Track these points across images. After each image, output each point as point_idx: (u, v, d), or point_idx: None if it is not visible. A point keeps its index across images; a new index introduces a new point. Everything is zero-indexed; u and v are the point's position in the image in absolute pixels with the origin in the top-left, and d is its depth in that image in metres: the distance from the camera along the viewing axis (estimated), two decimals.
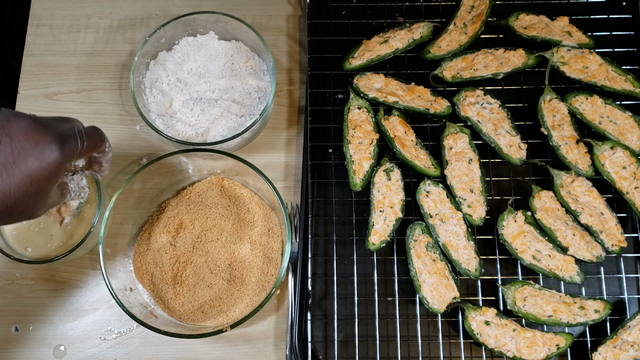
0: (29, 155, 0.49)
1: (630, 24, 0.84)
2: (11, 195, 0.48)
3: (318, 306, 0.74)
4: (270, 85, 0.78)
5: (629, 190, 0.73)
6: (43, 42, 0.87)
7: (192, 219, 0.74)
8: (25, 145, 0.49)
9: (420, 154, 0.76)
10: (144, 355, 0.74)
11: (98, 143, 0.59)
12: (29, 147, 0.49)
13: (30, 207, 0.51)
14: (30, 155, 0.49)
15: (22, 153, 0.49)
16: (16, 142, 0.49)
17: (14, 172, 0.48)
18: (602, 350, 0.69)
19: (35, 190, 0.50)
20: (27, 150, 0.49)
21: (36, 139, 0.50)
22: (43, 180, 0.51)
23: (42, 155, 0.50)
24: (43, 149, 0.50)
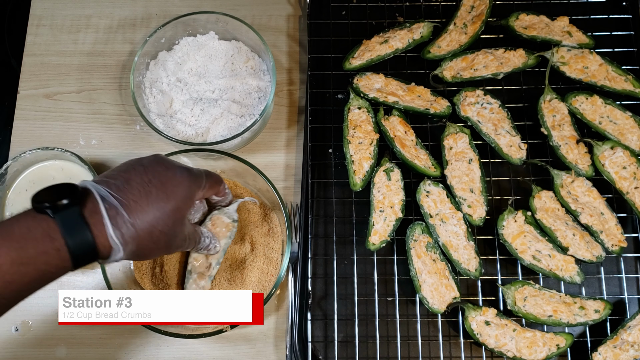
0: (162, 175, 0.54)
1: (630, 24, 0.84)
2: (148, 206, 0.51)
3: (318, 306, 0.74)
4: (270, 85, 0.78)
5: (629, 190, 0.73)
6: (43, 42, 0.87)
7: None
8: (157, 168, 0.54)
9: (420, 154, 0.76)
10: (144, 355, 0.74)
11: (217, 183, 0.63)
12: (160, 170, 0.54)
13: (169, 227, 0.53)
14: (163, 175, 0.54)
15: (156, 174, 0.53)
16: (148, 167, 0.54)
17: (150, 188, 0.52)
18: (602, 350, 0.69)
19: (172, 209, 0.53)
20: (159, 172, 0.54)
21: (166, 164, 0.55)
22: (179, 199, 0.54)
23: (174, 176, 0.55)
24: (174, 172, 0.55)
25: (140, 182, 0.51)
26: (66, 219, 0.47)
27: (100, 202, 0.48)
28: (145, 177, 0.52)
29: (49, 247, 0.46)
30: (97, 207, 0.48)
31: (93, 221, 0.48)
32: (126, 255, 0.50)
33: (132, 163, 0.54)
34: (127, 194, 0.50)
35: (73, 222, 0.47)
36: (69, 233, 0.46)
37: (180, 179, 0.55)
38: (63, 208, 0.47)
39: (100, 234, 0.48)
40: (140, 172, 0.53)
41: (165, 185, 0.53)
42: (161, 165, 0.55)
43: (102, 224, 0.48)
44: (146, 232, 0.50)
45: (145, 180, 0.52)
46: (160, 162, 0.55)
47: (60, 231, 0.46)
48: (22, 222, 0.47)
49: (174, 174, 0.55)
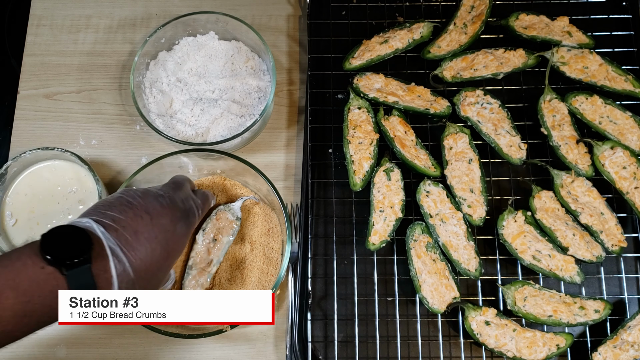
0: (167, 231, 0.54)
1: (630, 24, 0.84)
2: (152, 267, 0.52)
3: (318, 306, 0.74)
4: (270, 85, 0.78)
5: (629, 190, 0.73)
6: (43, 42, 0.87)
7: None
8: (163, 221, 0.54)
9: (420, 154, 0.76)
10: (144, 355, 0.73)
11: (208, 207, 0.66)
12: (166, 224, 0.55)
13: (159, 279, 0.56)
14: (168, 231, 0.55)
15: (162, 229, 0.54)
16: (155, 218, 0.54)
17: (156, 245, 0.53)
18: (602, 350, 0.69)
19: (168, 264, 0.56)
20: (165, 227, 0.54)
21: (170, 216, 0.56)
22: (174, 254, 0.57)
23: (175, 230, 0.56)
24: (176, 225, 0.56)
25: (147, 236, 0.52)
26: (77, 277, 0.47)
27: (111, 261, 0.49)
28: (152, 232, 0.53)
29: (56, 304, 0.47)
30: (108, 266, 0.48)
31: (101, 279, 0.48)
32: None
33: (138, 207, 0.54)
34: (135, 250, 0.51)
35: (83, 280, 0.47)
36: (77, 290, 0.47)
37: (180, 234, 0.57)
38: (76, 265, 0.47)
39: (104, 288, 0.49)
40: (147, 224, 0.53)
41: (168, 243, 0.54)
42: (166, 217, 0.55)
43: (109, 282, 0.49)
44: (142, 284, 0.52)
45: (152, 235, 0.53)
46: (165, 212, 0.55)
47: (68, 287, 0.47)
48: (31, 271, 0.46)
49: (175, 229, 0.56)
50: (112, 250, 0.49)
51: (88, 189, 0.75)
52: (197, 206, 0.63)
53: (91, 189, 0.74)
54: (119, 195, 0.55)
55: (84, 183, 0.75)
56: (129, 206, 0.53)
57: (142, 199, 0.55)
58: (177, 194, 0.60)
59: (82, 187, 0.75)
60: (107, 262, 0.48)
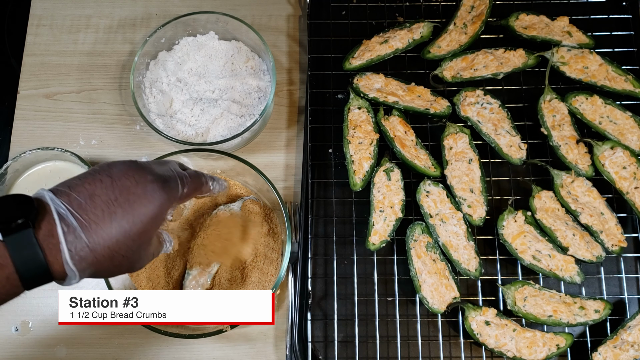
0: (131, 192, 0.48)
1: (630, 24, 0.84)
2: (113, 235, 0.46)
3: (318, 306, 0.74)
4: (270, 85, 0.78)
5: (629, 190, 0.73)
6: (43, 42, 0.87)
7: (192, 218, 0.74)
8: (126, 183, 0.48)
9: (420, 154, 0.76)
10: (144, 355, 0.74)
11: (199, 186, 0.58)
12: (130, 185, 0.48)
13: (133, 251, 0.49)
14: (132, 192, 0.48)
15: (124, 191, 0.47)
16: (117, 180, 0.48)
17: (116, 209, 0.46)
18: (602, 350, 0.69)
19: (138, 232, 0.48)
20: (128, 188, 0.48)
21: (137, 177, 0.49)
22: (146, 221, 0.48)
23: (145, 193, 0.48)
24: (145, 187, 0.49)
25: (105, 199, 0.46)
26: (18, 243, 0.42)
27: (58, 224, 0.44)
28: (112, 193, 0.47)
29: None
30: (54, 230, 0.43)
31: (48, 246, 0.43)
32: (84, 278, 0.47)
33: (100, 171, 0.48)
34: (88, 213, 0.45)
35: (25, 246, 0.43)
36: (20, 259, 0.43)
37: (151, 195, 0.49)
38: (15, 229, 0.42)
39: (55, 260, 0.44)
40: (107, 186, 0.47)
41: (132, 205, 0.47)
42: (130, 179, 0.48)
43: (58, 250, 0.44)
44: (107, 257, 0.46)
45: (112, 197, 0.47)
46: (130, 173, 0.49)
47: (10, 256, 0.42)
48: None
49: (144, 191, 0.48)
50: (59, 215, 0.44)
51: None
52: (180, 176, 0.54)
53: None
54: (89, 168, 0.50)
55: None
56: (90, 172, 0.49)
57: (107, 165, 0.49)
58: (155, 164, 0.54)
59: None
60: (54, 226, 0.43)
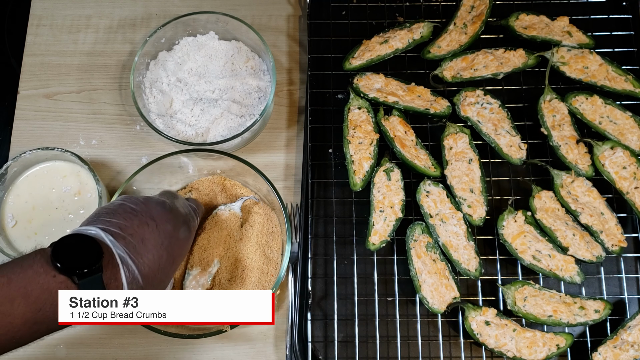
0: (172, 237, 0.56)
1: (630, 24, 0.84)
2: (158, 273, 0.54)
3: (318, 306, 0.74)
4: (270, 85, 0.78)
5: (629, 190, 0.73)
6: (43, 42, 0.87)
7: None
8: (167, 227, 0.56)
9: (420, 154, 0.76)
10: (144, 355, 0.73)
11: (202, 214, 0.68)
12: (170, 230, 0.56)
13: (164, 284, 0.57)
14: (172, 236, 0.56)
15: (167, 236, 0.55)
16: (160, 224, 0.55)
17: (162, 252, 0.54)
18: (602, 350, 0.69)
19: (173, 270, 0.58)
20: (170, 233, 0.56)
21: (174, 222, 0.57)
22: (179, 260, 0.59)
23: (179, 236, 0.58)
24: (179, 231, 0.58)
25: (154, 244, 0.53)
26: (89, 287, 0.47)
27: (121, 269, 0.49)
28: (159, 237, 0.54)
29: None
30: (118, 274, 0.49)
31: (112, 287, 0.49)
32: None
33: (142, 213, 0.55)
34: (143, 257, 0.52)
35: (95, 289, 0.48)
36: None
37: (184, 238, 0.59)
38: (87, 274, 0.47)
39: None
40: (153, 230, 0.54)
41: (173, 248, 0.56)
42: (169, 223, 0.56)
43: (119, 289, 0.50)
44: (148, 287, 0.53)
45: (159, 242, 0.54)
46: (168, 218, 0.57)
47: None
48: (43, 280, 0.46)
49: (178, 234, 0.58)
50: (121, 259, 0.50)
51: (88, 189, 0.75)
52: (195, 211, 0.65)
53: (91, 189, 0.75)
54: (120, 202, 0.55)
55: (84, 183, 0.75)
56: (133, 213, 0.54)
57: (145, 205, 0.56)
58: (175, 200, 0.62)
59: (82, 187, 0.75)
60: (118, 270, 0.49)
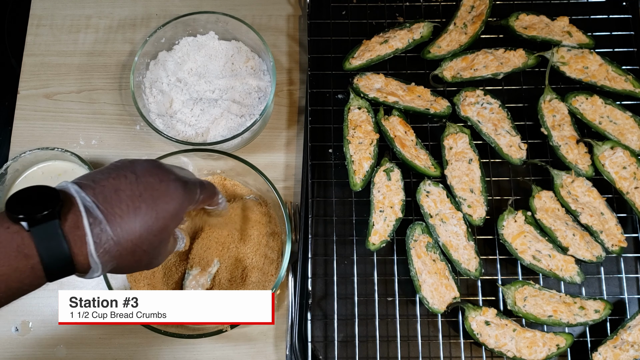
0: (154, 189, 0.49)
1: (630, 24, 0.84)
2: (137, 229, 0.47)
3: (318, 306, 0.74)
4: (270, 85, 0.78)
5: (629, 190, 0.73)
6: (43, 42, 0.87)
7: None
8: (150, 180, 0.49)
9: (420, 154, 0.76)
10: (144, 355, 0.73)
11: (212, 196, 0.59)
12: (153, 182, 0.49)
13: (154, 247, 0.50)
14: (156, 189, 0.49)
15: (148, 187, 0.49)
16: (141, 177, 0.49)
17: (140, 204, 0.47)
18: (602, 350, 0.69)
19: (160, 228, 0.49)
20: (152, 184, 0.49)
21: (160, 176, 0.50)
22: (168, 217, 0.50)
23: (167, 190, 0.50)
24: (168, 185, 0.50)
25: (130, 194, 0.47)
26: (43, 234, 0.43)
27: (84, 216, 0.44)
28: (137, 189, 0.48)
29: (23, 265, 0.43)
30: (80, 222, 0.44)
31: (73, 238, 0.44)
32: (105, 271, 0.48)
33: (123, 167, 0.49)
34: (114, 207, 0.46)
35: (51, 238, 0.43)
36: (45, 250, 0.43)
37: (173, 194, 0.50)
38: (41, 220, 0.42)
39: (79, 252, 0.44)
40: (132, 182, 0.48)
41: (156, 202, 0.48)
42: (155, 176, 0.50)
43: (83, 242, 0.44)
44: (129, 251, 0.47)
45: (136, 193, 0.47)
46: (154, 172, 0.50)
47: (35, 247, 0.43)
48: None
49: (167, 189, 0.50)
50: (85, 207, 0.44)
51: None
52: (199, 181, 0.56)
53: None
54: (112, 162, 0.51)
55: None
56: (113, 167, 0.49)
57: (130, 162, 0.51)
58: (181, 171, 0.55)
59: None
60: (80, 218, 0.44)
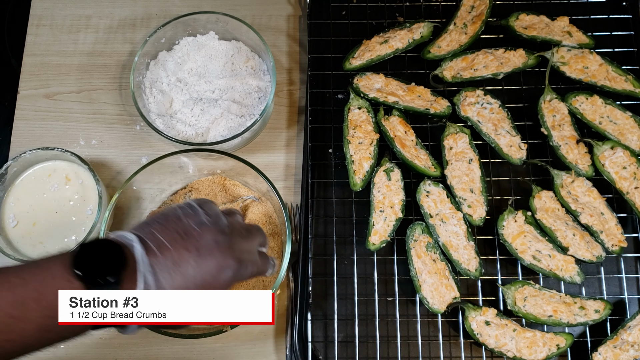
0: (208, 273, 0.50)
1: (630, 24, 0.84)
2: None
3: (318, 306, 0.74)
4: (270, 85, 0.78)
5: (629, 190, 0.73)
6: (43, 42, 0.87)
7: None
8: (209, 262, 0.50)
9: (420, 154, 0.76)
10: (144, 355, 0.73)
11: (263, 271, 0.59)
12: (210, 265, 0.50)
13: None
14: (209, 273, 0.50)
15: (204, 269, 0.49)
16: (203, 259, 0.50)
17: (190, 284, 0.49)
18: (602, 350, 0.69)
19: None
20: (208, 267, 0.50)
21: (219, 259, 0.50)
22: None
23: (218, 275, 0.51)
24: (221, 271, 0.51)
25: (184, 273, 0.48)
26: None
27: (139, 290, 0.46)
28: (193, 270, 0.49)
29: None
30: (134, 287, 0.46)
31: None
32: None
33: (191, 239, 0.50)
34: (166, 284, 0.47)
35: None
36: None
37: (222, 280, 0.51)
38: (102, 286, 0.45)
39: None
40: (191, 260, 0.49)
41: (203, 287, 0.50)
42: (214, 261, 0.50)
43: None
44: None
45: (190, 273, 0.49)
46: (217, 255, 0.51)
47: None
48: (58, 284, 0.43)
49: (218, 274, 0.51)
50: (144, 277, 0.46)
51: (88, 189, 0.75)
52: (254, 263, 0.56)
53: (91, 189, 0.75)
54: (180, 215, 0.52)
55: (84, 183, 0.75)
56: (182, 236, 0.50)
57: (199, 233, 0.51)
58: (242, 242, 0.54)
59: (83, 187, 0.75)
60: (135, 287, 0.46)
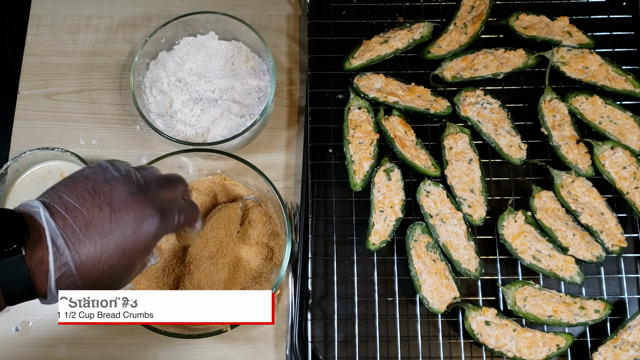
0: (127, 227, 0.47)
1: (630, 24, 0.84)
2: (100, 266, 0.46)
3: (318, 306, 0.74)
4: (270, 85, 0.78)
5: (629, 190, 0.73)
6: (43, 42, 0.87)
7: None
8: (125, 216, 0.47)
9: (420, 154, 0.76)
10: (144, 355, 0.73)
11: (192, 221, 0.57)
12: (128, 219, 0.47)
13: (115, 281, 0.48)
14: (128, 227, 0.47)
15: (121, 224, 0.47)
16: (116, 212, 0.47)
17: (109, 242, 0.46)
18: (602, 350, 0.69)
19: (125, 264, 0.48)
20: (126, 221, 0.47)
21: (137, 211, 0.48)
22: (135, 255, 0.48)
23: (140, 228, 0.48)
24: (142, 222, 0.48)
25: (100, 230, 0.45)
26: (7, 266, 0.42)
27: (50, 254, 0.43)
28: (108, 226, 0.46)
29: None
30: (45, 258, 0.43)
31: (36, 271, 0.43)
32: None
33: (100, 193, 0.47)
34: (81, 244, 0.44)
35: (15, 271, 0.42)
36: (7, 280, 0.42)
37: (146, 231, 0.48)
38: (6, 255, 0.42)
39: (41, 285, 0.44)
40: (105, 216, 0.46)
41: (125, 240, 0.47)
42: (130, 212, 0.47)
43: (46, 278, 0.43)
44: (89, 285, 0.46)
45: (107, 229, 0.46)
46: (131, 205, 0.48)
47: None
48: None
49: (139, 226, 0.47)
50: (53, 241, 0.43)
51: None
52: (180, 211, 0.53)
53: None
54: (88, 174, 0.48)
55: None
56: (91, 193, 0.47)
57: (110, 187, 0.48)
58: (161, 191, 0.52)
59: None
60: (46, 253, 0.43)
